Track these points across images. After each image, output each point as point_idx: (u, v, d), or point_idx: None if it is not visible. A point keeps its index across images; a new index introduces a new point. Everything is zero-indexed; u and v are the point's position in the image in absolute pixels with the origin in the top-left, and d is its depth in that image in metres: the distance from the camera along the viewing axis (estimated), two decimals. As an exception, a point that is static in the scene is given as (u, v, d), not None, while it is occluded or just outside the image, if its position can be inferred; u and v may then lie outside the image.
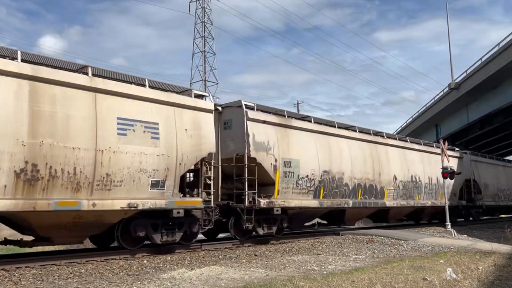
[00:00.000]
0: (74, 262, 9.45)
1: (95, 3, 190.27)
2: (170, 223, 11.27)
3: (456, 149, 27.40)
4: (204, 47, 52.72)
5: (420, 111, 42.28)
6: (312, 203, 15.10)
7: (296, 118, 15.45)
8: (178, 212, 11.11)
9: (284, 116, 14.88)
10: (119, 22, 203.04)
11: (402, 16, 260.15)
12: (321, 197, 15.30)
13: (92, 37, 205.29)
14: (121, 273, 8.77)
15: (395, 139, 20.30)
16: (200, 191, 11.94)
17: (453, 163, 22.01)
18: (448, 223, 18.69)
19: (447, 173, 18.94)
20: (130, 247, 10.81)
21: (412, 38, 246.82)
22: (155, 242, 11.10)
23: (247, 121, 13.14)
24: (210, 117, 12.25)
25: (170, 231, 11.26)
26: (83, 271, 8.76)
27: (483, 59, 28.38)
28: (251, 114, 13.39)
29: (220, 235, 15.54)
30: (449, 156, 21.16)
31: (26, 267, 8.82)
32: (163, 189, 10.84)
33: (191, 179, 12.66)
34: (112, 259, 10.00)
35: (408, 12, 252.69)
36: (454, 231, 17.96)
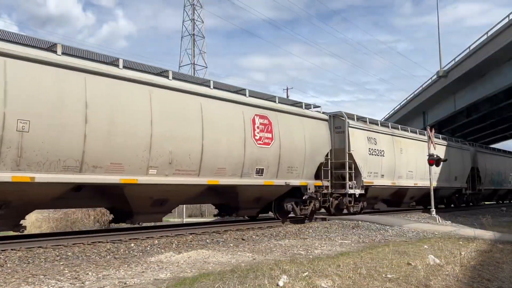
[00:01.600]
0: (60, 245, 9.42)
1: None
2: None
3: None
4: (193, 30, 52.19)
5: (408, 99, 42.53)
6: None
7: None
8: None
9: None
10: None
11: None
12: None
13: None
14: (108, 256, 8.78)
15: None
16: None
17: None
18: (433, 209, 18.97)
19: (433, 160, 19.14)
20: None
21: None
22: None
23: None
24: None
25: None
26: (69, 254, 8.75)
27: (471, 48, 28.54)
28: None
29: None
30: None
31: (12, 249, 8.77)
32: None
33: None
34: (99, 242, 10.00)
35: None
36: (439, 217, 18.25)
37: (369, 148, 18.02)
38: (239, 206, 13.70)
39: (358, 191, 17.07)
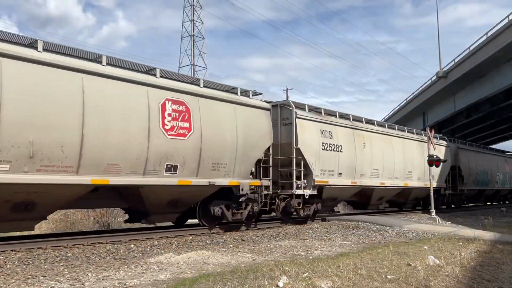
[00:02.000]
0: (60, 246, 9.42)
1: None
2: None
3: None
4: (193, 31, 52.22)
5: (408, 99, 42.58)
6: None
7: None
8: None
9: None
10: None
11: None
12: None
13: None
14: (108, 257, 8.78)
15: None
16: None
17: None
18: (433, 210, 18.96)
19: (432, 161, 19.14)
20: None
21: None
22: None
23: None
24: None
25: None
26: (69, 255, 8.74)
27: (471, 48, 28.57)
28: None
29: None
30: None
31: (11, 250, 8.77)
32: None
33: None
34: (99, 243, 10.00)
35: None
36: (438, 218, 18.24)
37: (323, 143, 15.57)
38: (147, 211, 11.34)
39: (308, 192, 14.76)
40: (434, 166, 19.65)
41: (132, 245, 9.98)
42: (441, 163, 20.90)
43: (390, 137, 19.71)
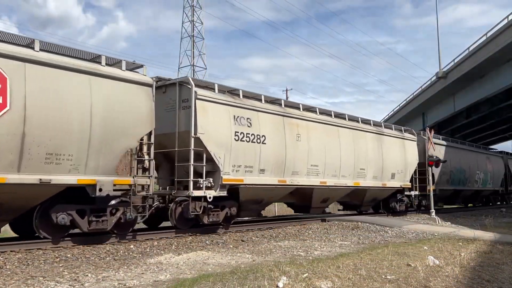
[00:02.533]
0: (60, 247, 9.42)
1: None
2: None
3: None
4: (193, 32, 52.24)
5: (407, 100, 42.64)
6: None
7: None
8: None
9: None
10: None
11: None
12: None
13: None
14: (108, 258, 8.78)
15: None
16: None
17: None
18: (433, 210, 18.96)
19: (432, 161, 19.15)
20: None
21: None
22: None
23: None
24: None
25: None
26: (69, 255, 8.74)
27: (470, 49, 28.60)
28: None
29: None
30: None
31: (11, 251, 8.77)
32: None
33: None
34: (99, 243, 9.99)
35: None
36: (438, 218, 18.24)
37: (236, 132, 12.58)
38: None
39: (213, 193, 11.91)
40: (395, 161, 18.05)
41: (131, 246, 9.98)
42: (406, 160, 19.32)
43: (336, 128, 16.43)
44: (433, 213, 18.80)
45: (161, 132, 11.78)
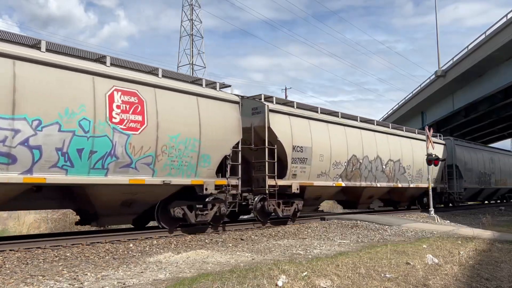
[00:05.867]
0: (59, 246, 9.42)
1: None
2: None
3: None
4: (192, 30, 52.20)
5: (406, 98, 42.60)
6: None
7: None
8: None
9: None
10: None
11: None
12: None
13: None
14: (107, 257, 8.78)
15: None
16: None
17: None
18: (432, 209, 18.97)
19: (431, 160, 19.14)
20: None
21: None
22: None
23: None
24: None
25: None
26: (68, 254, 8.74)
27: (469, 47, 28.59)
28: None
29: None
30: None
31: (10, 250, 8.76)
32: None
33: None
34: (98, 242, 9.99)
35: None
36: (437, 216, 18.25)
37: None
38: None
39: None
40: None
41: (131, 245, 9.98)
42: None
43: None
44: (432, 212, 18.81)
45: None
